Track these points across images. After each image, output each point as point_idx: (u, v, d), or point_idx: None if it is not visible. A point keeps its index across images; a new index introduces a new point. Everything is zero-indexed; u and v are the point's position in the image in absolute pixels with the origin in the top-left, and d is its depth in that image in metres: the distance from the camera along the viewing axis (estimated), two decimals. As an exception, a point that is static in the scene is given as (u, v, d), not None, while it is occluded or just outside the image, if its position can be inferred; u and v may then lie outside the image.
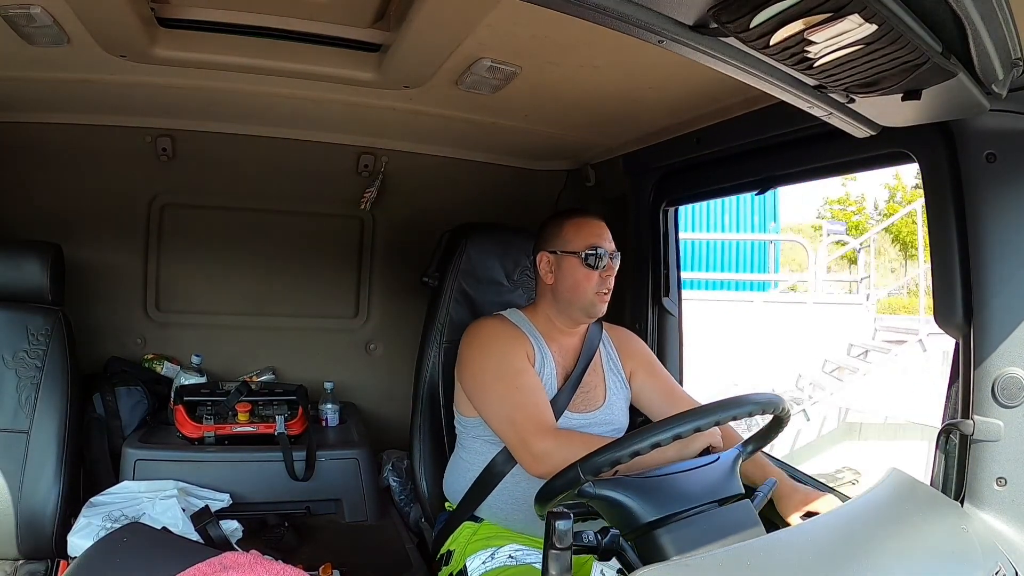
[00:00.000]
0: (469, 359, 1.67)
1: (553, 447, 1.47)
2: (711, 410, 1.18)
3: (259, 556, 1.43)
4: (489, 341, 1.66)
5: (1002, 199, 1.18)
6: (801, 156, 1.61)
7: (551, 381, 1.67)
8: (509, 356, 1.62)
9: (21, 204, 2.23)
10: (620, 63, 1.49)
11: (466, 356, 1.68)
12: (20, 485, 1.76)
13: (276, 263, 2.54)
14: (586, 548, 1.10)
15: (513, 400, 1.56)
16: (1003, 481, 1.19)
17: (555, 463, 1.38)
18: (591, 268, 1.65)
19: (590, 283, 1.66)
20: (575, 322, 1.73)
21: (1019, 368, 1.17)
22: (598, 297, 1.67)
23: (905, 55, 0.86)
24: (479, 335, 1.68)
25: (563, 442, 1.49)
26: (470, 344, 1.68)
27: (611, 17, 0.79)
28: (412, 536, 2.11)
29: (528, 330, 1.71)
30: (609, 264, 1.67)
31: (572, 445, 1.45)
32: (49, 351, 1.84)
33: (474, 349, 1.67)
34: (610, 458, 1.14)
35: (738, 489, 1.21)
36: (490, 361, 1.63)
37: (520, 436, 1.52)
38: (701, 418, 1.16)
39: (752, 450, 1.32)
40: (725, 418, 1.18)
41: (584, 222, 1.71)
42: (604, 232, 1.71)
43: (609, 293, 1.69)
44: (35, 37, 1.46)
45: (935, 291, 1.27)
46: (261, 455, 2.09)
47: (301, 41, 1.56)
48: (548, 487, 1.20)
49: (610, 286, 1.68)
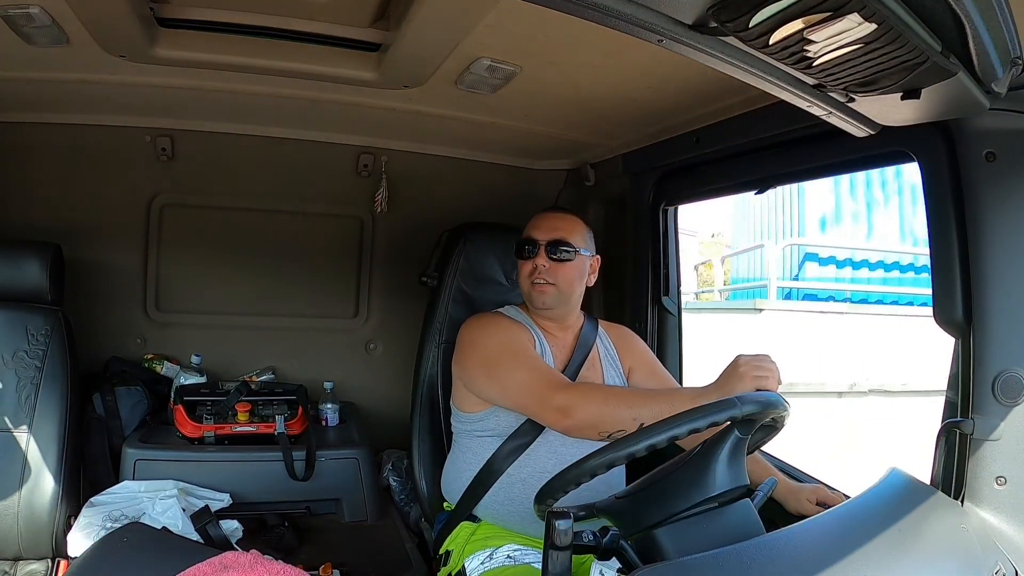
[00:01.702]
0: (471, 344, 1.67)
1: (576, 398, 1.45)
2: (709, 411, 1.16)
3: (259, 556, 1.43)
4: (491, 325, 1.69)
5: (1002, 198, 1.18)
6: (801, 155, 1.61)
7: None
8: (513, 335, 1.64)
9: (20, 204, 2.23)
10: (620, 62, 1.48)
11: (467, 343, 1.68)
12: (20, 485, 1.76)
13: (276, 263, 2.54)
14: (586, 548, 1.10)
15: (524, 368, 1.56)
16: (1003, 480, 1.19)
17: (582, 414, 1.41)
18: (522, 259, 1.70)
19: (523, 273, 1.70)
20: (543, 317, 1.74)
21: (1019, 367, 1.17)
22: (534, 288, 1.68)
23: (904, 54, 0.86)
24: (479, 322, 1.70)
25: (584, 391, 1.48)
26: (471, 331, 1.69)
27: (611, 16, 0.79)
28: (412, 536, 2.11)
29: (527, 323, 1.72)
30: (540, 252, 1.67)
31: (593, 393, 1.46)
32: (49, 351, 1.84)
33: (475, 333, 1.68)
34: (607, 460, 1.13)
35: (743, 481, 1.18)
36: (494, 339, 1.64)
37: (539, 397, 1.50)
38: (696, 420, 1.13)
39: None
40: (721, 419, 1.17)
41: (535, 217, 1.75)
42: (545, 222, 1.71)
43: (548, 284, 1.67)
44: (34, 37, 1.46)
45: (935, 290, 1.27)
46: (261, 455, 2.09)
47: (300, 41, 1.56)
48: (548, 487, 1.19)
49: (546, 276, 1.66)
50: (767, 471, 1.56)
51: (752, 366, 1.33)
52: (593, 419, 1.42)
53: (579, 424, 1.44)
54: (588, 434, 1.45)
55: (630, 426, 1.34)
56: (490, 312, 1.78)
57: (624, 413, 1.38)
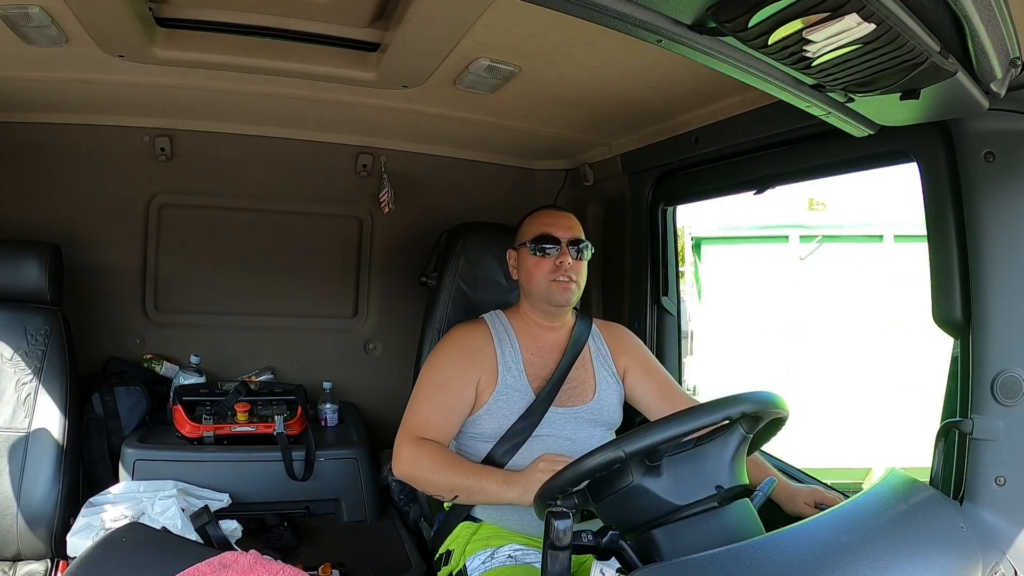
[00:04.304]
0: (431, 354, 1.76)
1: (408, 454, 1.60)
2: (708, 410, 1.16)
3: (258, 556, 1.43)
4: (445, 349, 1.73)
5: (1001, 199, 1.18)
6: (800, 155, 1.61)
7: (522, 380, 1.68)
8: (448, 370, 1.68)
9: (19, 204, 2.23)
10: (619, 62, 1.49)
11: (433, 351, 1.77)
12: (19, 485, 1.76)
13: (275, 263, 2.54)
14: (585, 548, 1.10)
15: (418, 400, 1.67)
16: (1002, 480, 1.19)
17: (402, 468, 1.61)
18: (540, 256, 1.69)
19: (541, 271, 1.69)
20: (548, 315, 1.74)
21: (1018, 367, 1.17)
22: (555, 285, 1.68)
23: (903, 54, 0.86)
24: (446, 341, 1.76)
25: (418, 452, 1.59)
26: (436, 345, 1.77)
27: (610, 16, 0.79)
28: (411, 536, 2.11)
29: (502, 334, 1.72)
30: (564, 251, 1.68)
31: (422, 457, 1.58)
32: (48, 351, 1.84)
33: (436, 349, 1.76)
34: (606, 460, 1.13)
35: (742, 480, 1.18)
36: (431, 362, 1.72)
37: (400, 433, 1.64)
38: (693, 421, 1.13)
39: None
40: (717, 419, 1.16)
41: (540, 213, 1.76)
42: (560, 221, 1.72)
43: (572, 281, 1.68)
44: (33, 37, 1.46)
45: (934, 290, 1.27)
46: (260, 455, 2.09)
47: (299, 41, 1.56)
48: (547, 487, 1.19)
49: (571, 274, 1.68)
50: (766, 472, 1.56)
51: (549, 461, 1.47)
52: (409, 476, 1.62)
53: (403, 475, 1.62)
54: (416, 486, 1.68)
55: (445, 494, 1.57)
56: (468, 325, 1.78)
57: (441, 481, 1.56)
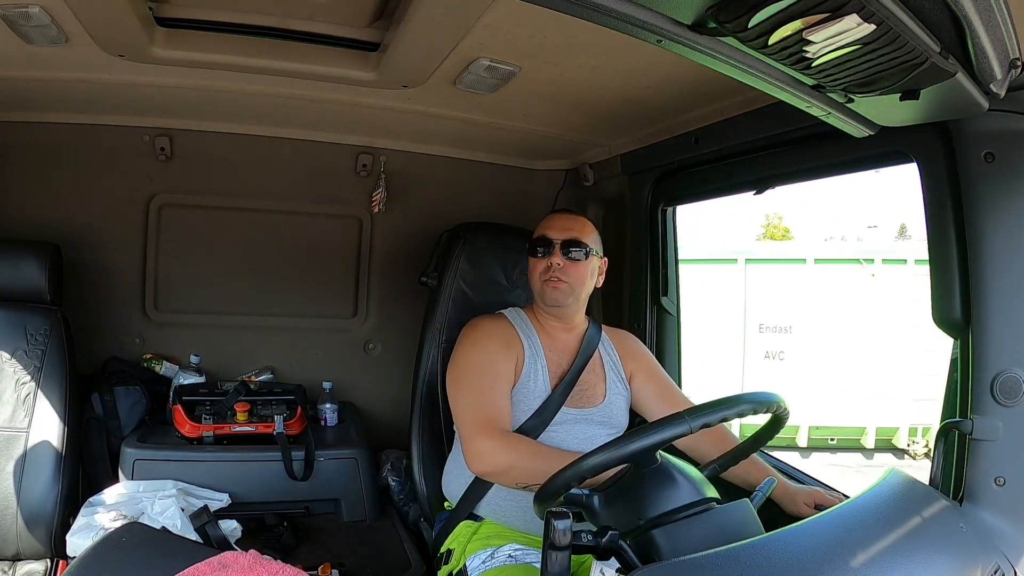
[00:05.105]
0: (456, 351, 1.72)
1: (495, 447, 1.51)
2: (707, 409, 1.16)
3: (258, 556, 1.43)
4: (480, 337, 1.70)
5: (1000, 199, 1.18)
6: (800, 156, 1.61)
7: (543, 376, 1.69)
8: (494, 355, 1.66)
9: (19, 204, 2.23)
10: (618, 63, 1.48)
11: (457, 348, 1.73)
12: (19, 485, 1.76)
13: (275, 262, 2.54)
14: (585, 547, 1.10)
15: (478, 393, 1.61)
16: (1002, 480, 1.19)
17: (493, 463, 1.49)
18: (536, 256, 1.72)
19: (536, 271, 1.73)
20: (552, 316, 1.75)
21: (1018, 368, 1.17)
22: (546, 285, 1.70)
23: (903, 55, 0.86)
24: (474, 330, 1.73)
25: (506, 444, 1.52)
26: (463, 337, 1.73)
27: (610, 17, 0.79)
28: (411, 536, 2.11)
29: (524, 328, 1.73)
30: (555, 252, 1.69)
31: (515, 449, 1.50)
32: (48, 351, 1.84)
33: (465, 341, 1.72)
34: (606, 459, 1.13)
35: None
36: (473, 354, 1.67)
37: (470, 429, 1.56)
38: (683, 423, 1.12)
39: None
40: (713, 420, 1.15)
41: (547, 216, 1.78)
42: (558, 223, 1.74)
43: (563, 282, 1.69)
44: (33, 36, 1.45)
45: (934, 291, 1.27)
46: (260, 455, 2.09)
47: (299, 41, 1.56)
48: (547, 487, 1.19)
49: (561, 275, 1.69)
50: (766, 472, 1.56)
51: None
52: (506, 467, 1.49)
53: (487, 473, 1.53)
54: (500, 480, 1.54)
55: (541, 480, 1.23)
56: (491, 316, 1.78)
57: (542, 467, 1.31)
